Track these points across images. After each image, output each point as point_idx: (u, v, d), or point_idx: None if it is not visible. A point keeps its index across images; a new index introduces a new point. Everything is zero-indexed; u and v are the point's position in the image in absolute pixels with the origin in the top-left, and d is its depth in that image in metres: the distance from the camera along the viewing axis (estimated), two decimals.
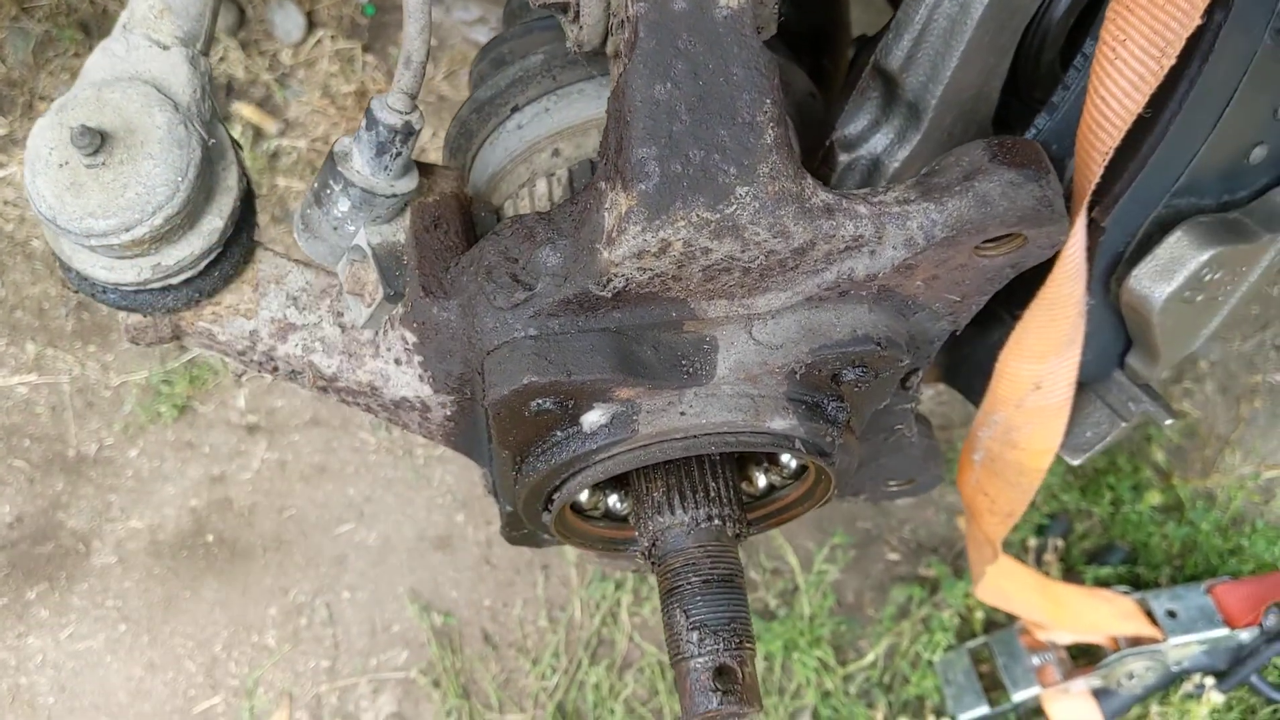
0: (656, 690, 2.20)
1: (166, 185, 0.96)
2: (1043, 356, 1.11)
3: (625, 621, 2.26)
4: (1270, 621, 2.14)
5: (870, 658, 2.22)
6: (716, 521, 1.04)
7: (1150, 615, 2.10)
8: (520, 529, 1.17)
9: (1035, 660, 2.16)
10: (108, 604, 2.28)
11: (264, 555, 2.32)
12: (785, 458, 1.14)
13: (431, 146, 2.73)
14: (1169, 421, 1.21)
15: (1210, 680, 2.11)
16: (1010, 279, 0.97)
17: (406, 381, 1.05)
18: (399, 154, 0.97)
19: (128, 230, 0.96)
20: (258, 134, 2.74)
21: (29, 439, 2.43)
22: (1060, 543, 2.29)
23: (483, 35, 2.86)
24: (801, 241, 0.89)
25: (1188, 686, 2.13)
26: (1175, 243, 1.08)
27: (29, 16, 2.86)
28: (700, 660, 0.98)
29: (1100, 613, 2.07)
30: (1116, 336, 1.19)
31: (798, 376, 0.97)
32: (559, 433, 0.99)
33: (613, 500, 1.16)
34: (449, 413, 1.07)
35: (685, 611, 1.01)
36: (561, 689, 2.21)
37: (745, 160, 0.85)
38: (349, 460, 2.41)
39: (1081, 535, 2.37)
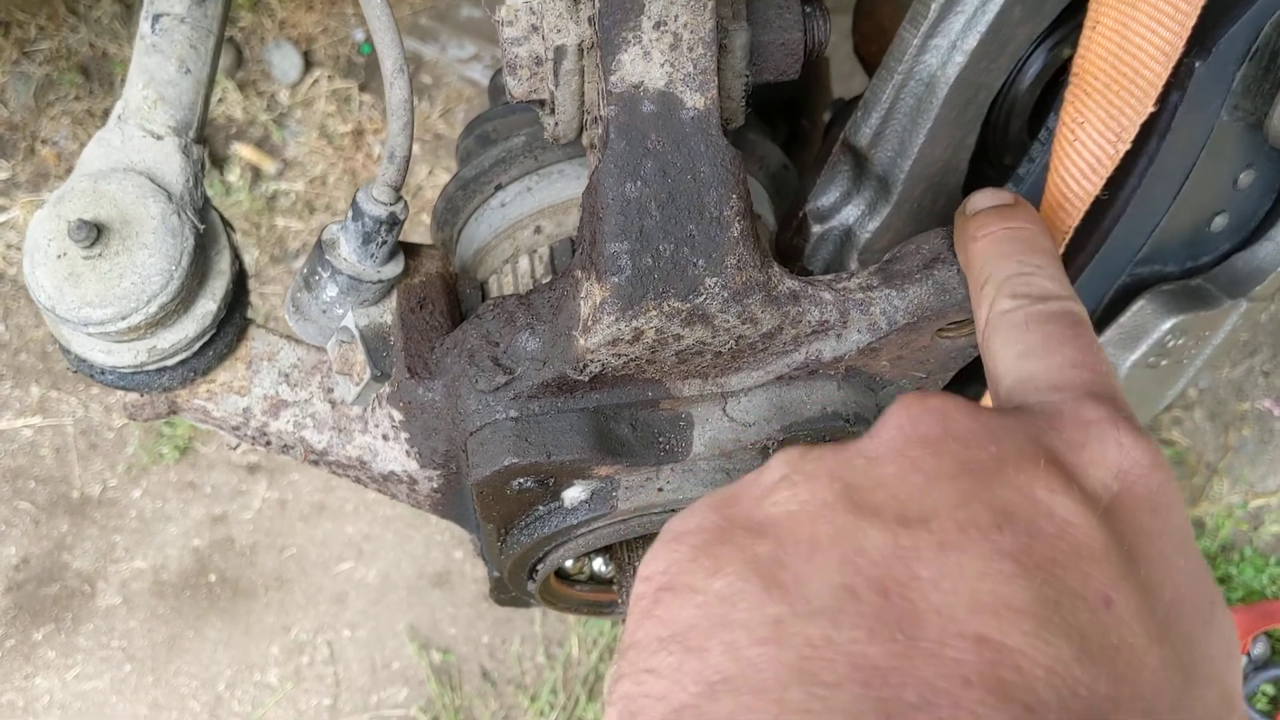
0: None
1: (161, 274, 1.00)
2: None
3: None
4: (1257, 650, 2.18)
5: None
6: None
7: None
8: (507, 593, 1.20)
9: None
10: (113, 644, 2.31)
11: (265, 594, 2.36)
12: None
13: (429, 184, 2.77)
14: None
15: None
16: (973, 356, 1.00)
17: (394, 456, 1.08)
18: (385, 242, 1.00)
19: (124, 319, 1.00)
20: (256, 174, 2.78)
21: (34, 481, 2.47)
22: None
23: (477, 72, 2.91)
24: (769, 327, 0.92)
25: None
26: (1138, 311, 1.11)
27: (30, 61, 2.91)
28: None
29: None
30: None
31: (770, 451, 1.00)
32: (541, 508, 1.02)
33: (598, 564, 1.19)
34: (435, 485, 1.10)
35: None
36: None
37: (713, 253, 0.89)
38: (348, 499, 2.45)
39: None
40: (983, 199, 0.91)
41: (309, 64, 2.94)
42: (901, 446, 0.59)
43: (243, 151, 2.80)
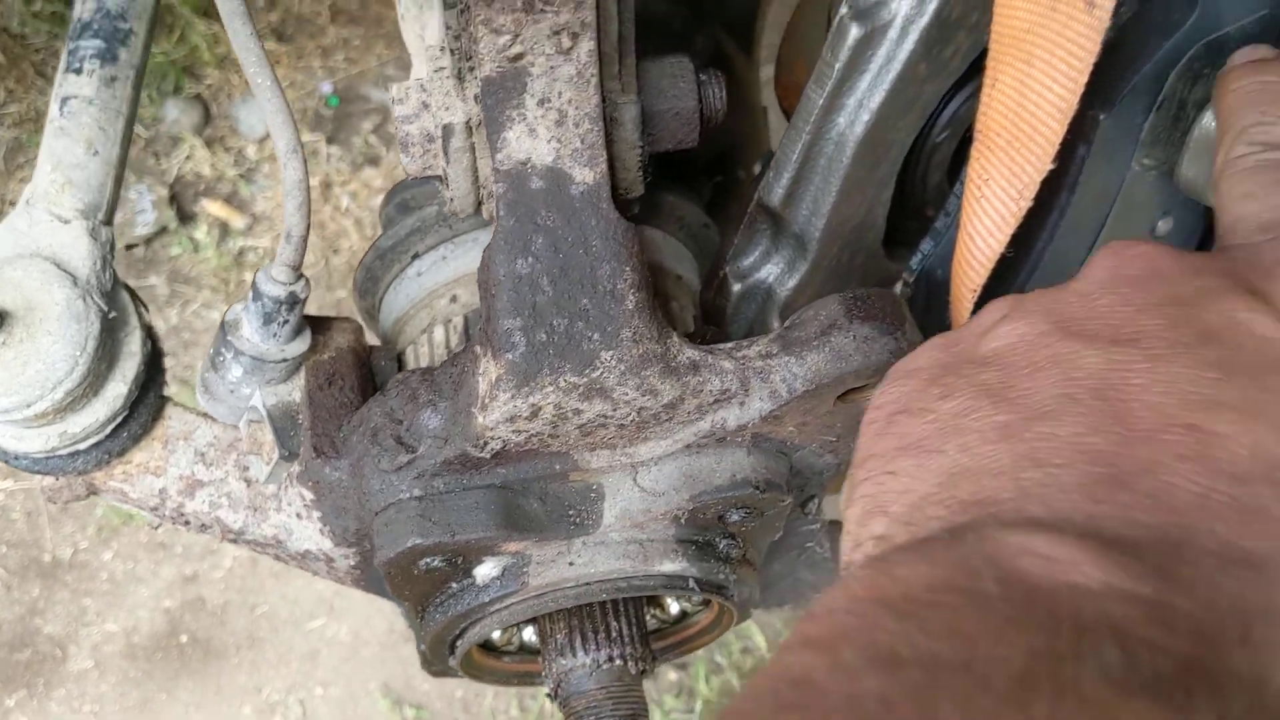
0: None
1: (66, 360, 0.99)
2: None
3: None
4: None
5: None
6: (619, 661, 1.06)
7: None
8: (439, 663, 1.19)
9: None
10: (85, 709, 2.30)
11: (237, 654, 2.34)
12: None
13: None
14: None
15: None
16: None
17: (308, 535, 1.07)
18: (286, 321, 1.00)
19: (29, 406, 0.99)
20: (224, 230, 2.78)
21: (5, 545, 2.46)
22: None
23: None
24: (670, 398, 0.91)
25: None
26: None
27: None
28: None
29: None
30: None
31: (683, 520, 0.99)
32: (455, 585, 1.01)
33: (527, 634, 1.18)
34: (353, 563, 1.09)
35: None
36: None
37: (608, 326, 0.88)
38: None
39: None
40: (1241, 54, 0.94)
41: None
42: (1110, 284, 0.67)
43: (211, 207, 2.80)
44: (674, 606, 1.19)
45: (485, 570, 0.99)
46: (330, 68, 2.99)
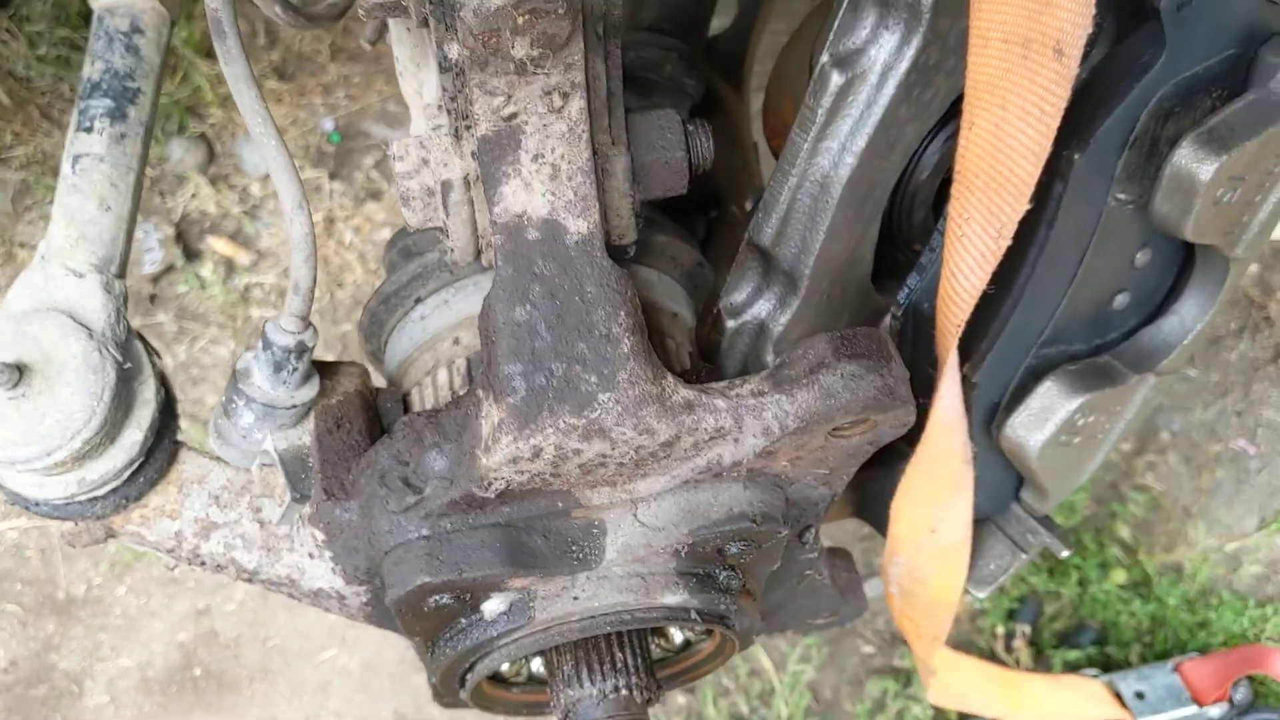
0: None
1: (83, 410, 1.03)
2: (932, 503, 1.16)
3: None
4: (1239, 695, 2.17)
5: None
6: (625, 691, 1.09)
7: (1119, 697, 2.13)
8: (448, 698, 1.22)
9: None
10: None
11: (250, 686, 2.37)
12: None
13: None
14: (1065, 553, 1.26)
15: None
16: (872, 453, 1.03)
17: (321, 574, 1.11)
18: (296, 369, 1.03)
19: (49, 455, 1.03)
20: (230, 267, 2.82)
21: (20, 583, 2.49)
22: (1028, 629, 2.32)
23: None
24: (667, 436, 0.95)
25: None
26: (1045, 392, 1.13)
27: (5, 166, 2.97)
28: None
29: (1067, 699, 2.10)
30: (1007, 475, 1.25)
31: (683, 554, 1.02)
32: (463, 620, 1.04)
33: (536, 665, 1.21)
34: (364, 600, 1.12)
35: None
36: None
37: (605, 369, 0.92)
38: None
39: (1051, 617, 2.40)
40: None
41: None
42: None
43: (216, 245, 2.84)
44: (678, 636, 1.22)
45: (493, 606, 1.03)
46: (331, 105, 3.04)
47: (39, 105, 3.04)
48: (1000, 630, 2.33)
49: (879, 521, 1.35)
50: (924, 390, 1.09)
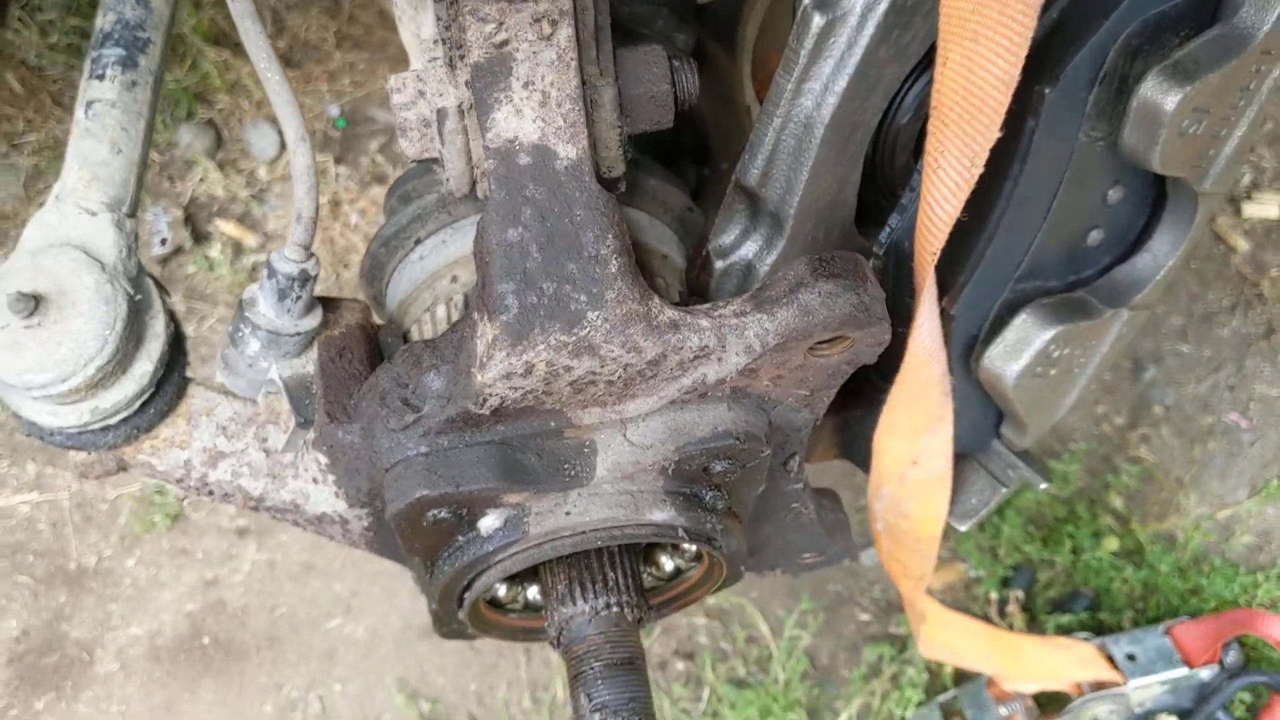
0: None
1: (96, 339, 1.08)
2: (913, 435, 1.21)
3: None
4: (1230, 658, 2.20)
5: (844, 718, 2.29)
6: (615, 609, 1.13)
7: (1111, 660, 2.16)
8: (448, 624, 1.26)
9: (1003, 710, 2.22)
10: (112, 710, 2.37)
11: (258, 654, 2.42)
12: (685, 544, 1.23)
13: None
14: (1044, 486, 1.30)
15: (1174, 719, 2.16)
16: (850, 373, 1.07)
17: (324, 498, 1.15)
18: (299, 297, 1.08)
19: (64, 381, 1.07)
20: (238, 249, 2.88)
21: (32, 555, 2.54)
22: (1021, 594, 2.36)
23: None
24: (653, 355, 0.99)
25: None
26: (1020, 324, 1.17)
27: (18, 152, 3.02)
28: None
29: (1059, 660, 2.13)
30: (987, 410, 1.29)
31: (670, 472, 1.07)
32: (460, 538, 1.09)
33: (532, 592, 1.25)
34: (366, 524, 1.17)
35: (589, 695, 1.10)
36: None
37: (593, 289, 0.96)
38: (335, 557, 2.51)
39: (1045, 585, 2.44)
40: None
41: (285, 141, 3.05)
42: None
43: (224, 227, 2.90)
44: (668, 564, 1.26)
45: (488, 522, 1.07)
46: (337, 91, 3.09)
47: (51, 93, 3.09)
48: (994, 596, 2.36)
49: (863, 460, 1.39)
50: (904, 322, 1.14)
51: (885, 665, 2.33)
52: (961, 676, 2.33)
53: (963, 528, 1.32)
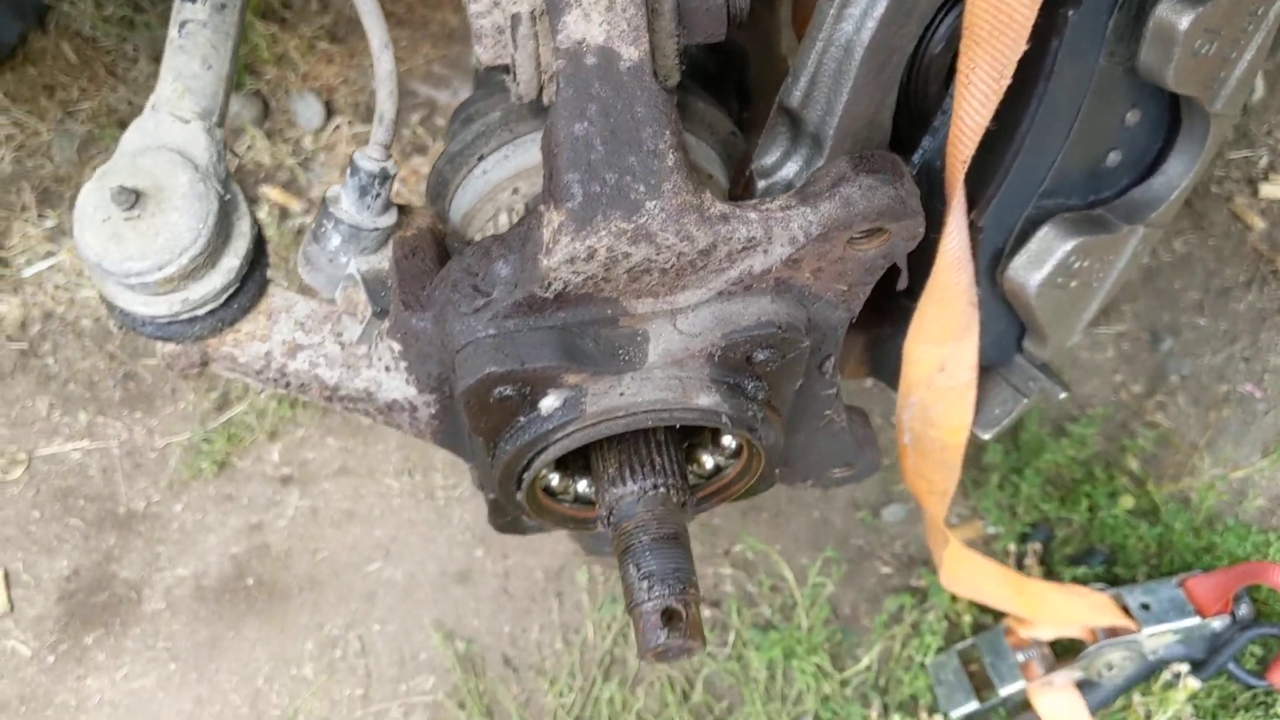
0: (666, 703, 2.35)
1: (190, 231, 1.18)
2: (941, 340, 1.29)
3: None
4: (1242, 610, 2.27)
5: (865, 662, 2.37)
6: (662, 490, 1.22)
7: (1125, 609, 2.24)
8: (504, 515, 1.36)
9: (1020, 657, 2.29)
10: (158, 646, 2.47)
11: (300, 595, 2.51)
12: (725, 440, 1.32)
13: None
14: (1063, 395, 1.38)
15: (1185, 667, 2.23)
16: (886, 269, 1.16)
17: (396, 386, 1.25)
18: (379, 194, 1.18)
19: (160, 269, 1.17)
20: (284, 213, 2.98)
21: (83, 499, 2.64)
22: (1039, 546, 2.44)
23: None
24: (704, 244, 1.08)
25: (1167, 676, 2.26)
26: (1043, 236, 1.26)
27: (73, 119, 3.14)
28: (650, 604, 1.16)
29: (1074, 605, 2.21)
30: (1010, 324, 1.37)
31: (716, 359, 1.15)
32: (521, 418, 1.18)
33: (581, 486, 1.34)
34: (433, 411, 1.26)
35: (636, 565, 1.19)
36: (578, 705, 2.37)
37: (651, 180, 1.05)
38: (375, 505, 2.61)
39: (1063, 541, 2.52)
40: None
41: (330, 112, 3.16)
42: None
43: (271, 193, 3.00)
44: (708, 462, 1.35)
45: (548, 402, 1.16)
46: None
47: (104, 63, 3.21)
48: (1012, 548, 2.44)
49: (891, 377, 1.48)
50: (935, 229, 1.22)
51: (906, 614, 2.41)
52: (979, 627, 2.40)
53: (986, 436, 1.40)
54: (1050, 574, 2.44)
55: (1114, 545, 2.49)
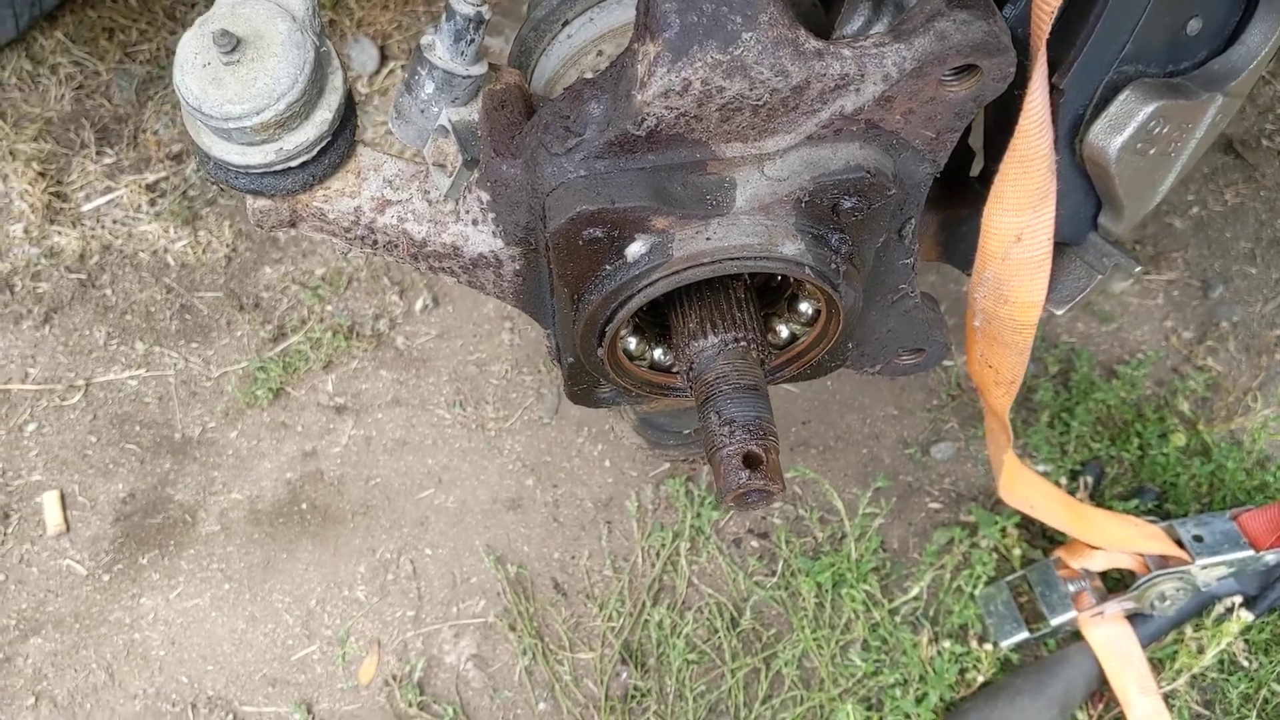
0: (715, 628, 2.37)
1: (288, 77, 1.20)
2: (1020, 209, 1.30)
3: (684, 567, 2.44)
4: None
5: (915, 591, 2.37)
6: (742, 343, 1.24)
7: (1178, 541, 2.23)
8: (581, 383, 1.37)
9: (1071, 588, 2.30)
10: (213, 566, 2.50)
11: (353, 520, 2.54)
12: (802, 305, 1.33)
13: None
14: (1137, 269, 1.39)
15: (1239, 599, 2.23)
16: (974, 113, 1.17)
17: (482, 239, 1.27)
18: (473, 40, 1.20)
19: (258, 114, 1.19)
20: None
21: (139, 425, 2.68)
22: (1090, 481, 2.44)
23: None
24: (799, 80, 1.10)
25: (1219, 610, 2.25)
26: (1124, 100, 1.27)
27: (132, 60, 3.19)
28: (731, 448, 1.18)
29: (1126, 531, 2.21)
30: (1087, 199, 1.38)
31: (803, 205, 1.17)
32: (608, 266, 1.19)
33: (658, 353, 1.36)
34: (518, 267, 1.28)
35: (718, 412, 1.20)
36: (627, 629, 2.38)
37: (748, 11, 1.07)
38: (427, 434, 2.63)
39: (1113, 480, 2.51)
40: None
41: (384, 57, 3.20)
42: None
43: None
44: (783, 331, 1.36)
45: (635, 248, 1.17)
46: (433, 13, 3.24)
47: (163, 6, 3.26)
48: (1063, 483, 2.44)
49: (964, 261, 1.49)
50: (1019, 85, 1.23)
51: (956, 545, 2.41)
52: (1028, 561, 2.40)
53: (1060, 311, 1.41)
54: (1101, 508, 2.44)
55: (1165, 483, 2.48)
